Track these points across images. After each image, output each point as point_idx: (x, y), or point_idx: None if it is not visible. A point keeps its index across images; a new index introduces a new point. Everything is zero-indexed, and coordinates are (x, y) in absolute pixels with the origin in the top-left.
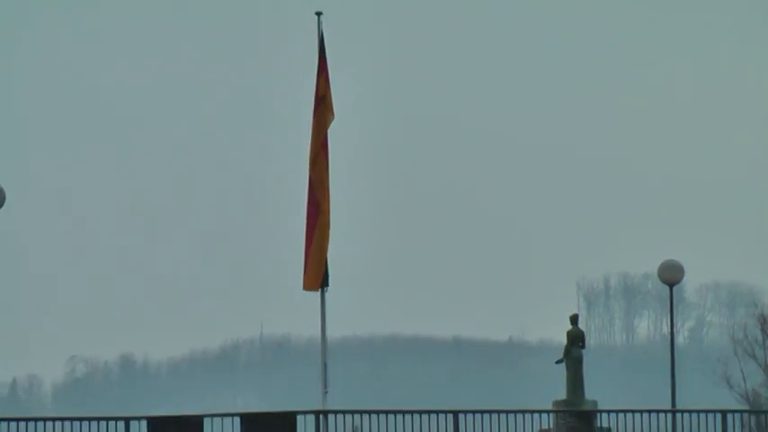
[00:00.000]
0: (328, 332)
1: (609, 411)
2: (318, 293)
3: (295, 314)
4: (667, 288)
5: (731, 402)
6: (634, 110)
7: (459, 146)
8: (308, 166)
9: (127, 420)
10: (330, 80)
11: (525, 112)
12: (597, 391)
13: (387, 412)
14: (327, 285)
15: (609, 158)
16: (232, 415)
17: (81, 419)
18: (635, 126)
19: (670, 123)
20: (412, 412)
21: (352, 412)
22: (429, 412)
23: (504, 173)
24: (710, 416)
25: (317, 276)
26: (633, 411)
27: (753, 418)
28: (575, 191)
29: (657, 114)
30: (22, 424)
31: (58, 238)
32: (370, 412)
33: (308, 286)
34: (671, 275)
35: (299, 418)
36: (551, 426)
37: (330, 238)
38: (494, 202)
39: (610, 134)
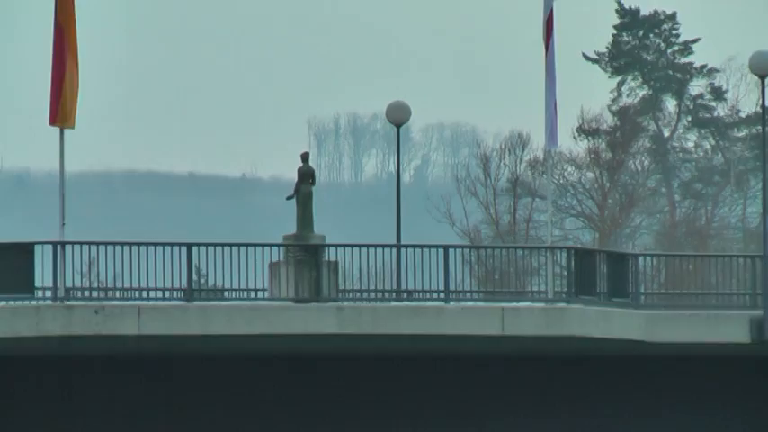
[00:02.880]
0: (66, 167)
1: (336, 246)
2: (57, 130)
3: (34, 149)
4: (394, 128)
5: (453, 238)
6: None
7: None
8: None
9: None
10: None
11: None
12: (326, 227)
13: (122, 244)
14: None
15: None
16: None
17: None
18: None
19: None
20: (147, 244)
21: (89, 243)
22: (164, 245)
23: (241, 19)
24: (433, 251)
25: (65, 114)
26: (360, 246)
27: (473, 253)
28: (306, 32)
29: None
30: None
31: None
32: (106, 244)
33: (55, 122)
34: (398, 115)
35: (37, 248)
36: (281, 259)
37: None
38: (230, 46)
39: None
